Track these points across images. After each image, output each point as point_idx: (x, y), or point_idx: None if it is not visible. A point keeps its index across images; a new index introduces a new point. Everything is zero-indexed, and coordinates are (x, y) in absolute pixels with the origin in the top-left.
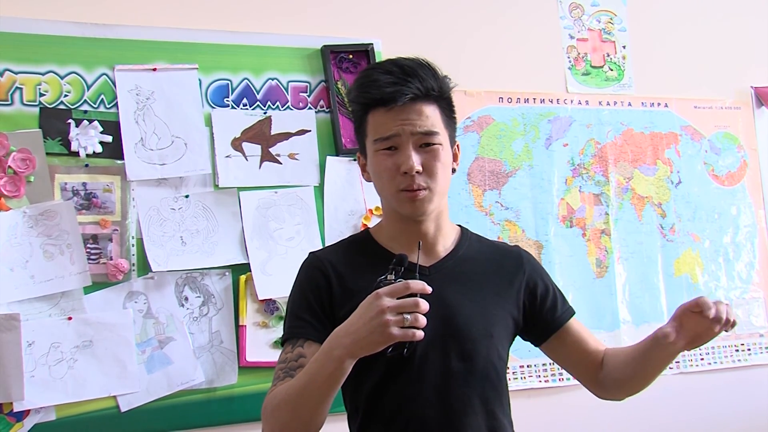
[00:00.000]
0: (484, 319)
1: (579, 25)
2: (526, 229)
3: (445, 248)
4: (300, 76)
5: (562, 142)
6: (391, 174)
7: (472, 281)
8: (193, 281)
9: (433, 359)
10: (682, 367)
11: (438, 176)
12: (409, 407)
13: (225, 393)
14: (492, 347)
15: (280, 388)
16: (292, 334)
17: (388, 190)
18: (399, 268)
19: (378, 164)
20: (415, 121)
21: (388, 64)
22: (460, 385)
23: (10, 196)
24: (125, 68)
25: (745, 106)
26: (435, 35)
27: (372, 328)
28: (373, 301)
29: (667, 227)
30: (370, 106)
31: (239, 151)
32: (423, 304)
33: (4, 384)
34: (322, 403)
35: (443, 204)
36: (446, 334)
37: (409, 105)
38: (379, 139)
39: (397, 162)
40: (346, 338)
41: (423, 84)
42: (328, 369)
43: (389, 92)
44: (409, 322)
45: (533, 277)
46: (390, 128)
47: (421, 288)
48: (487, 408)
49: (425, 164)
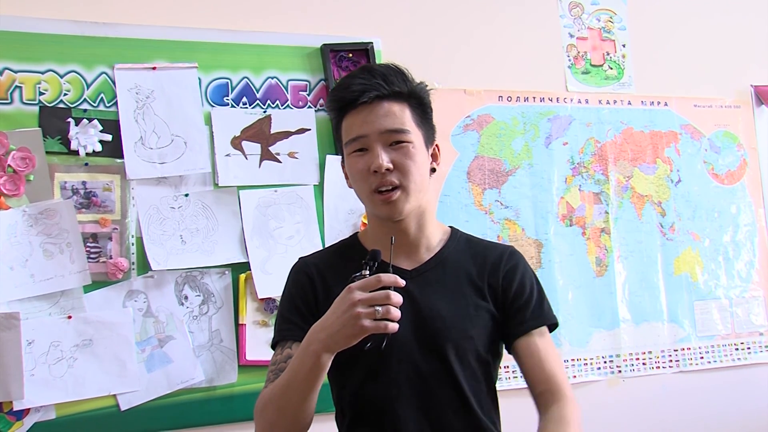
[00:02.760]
0: (462, 321)
1: (579, 23)
2: (525, 228)
3: (429, 250)
4: (300, 74)
5: (562, 141)
6: (364, 175)
7: (453, 283)
8: (193, 280)
9: (412, 361)
10: (681, 366)
11: (411, 174)
12: (390, 409)
13: (225, 392)
14: (472, 349)
15: (268, 388)
16: (281, 337)
17: (363, 192)
18: (372, 264)
19: (351, 167)
20: (382, 119)
21: (358, 70)
22: (439, 387)
23: (10, 195)
24: (125, 67)
25: (744, 105)
26: (435, 34)
27: (344, 322)
28: (346, 295)
29: (667, 226)
30: (342, 111)
31: (239, 149)
32: (395, 297)
33: (4, 383)
34: (305, 400)
35: (424, 203)
36: (425, 336)
37: (376, 105)
38: (350, 141)
39: (368, 162)
40: (321, 333)
41: (389, 84)
42: (307, 365)
43: (356, 92)
44: (381, 315)
45: (510, 275)
46: (358, 129)
47: (393, 281)
48: (469, 409)
49: (396, 162)
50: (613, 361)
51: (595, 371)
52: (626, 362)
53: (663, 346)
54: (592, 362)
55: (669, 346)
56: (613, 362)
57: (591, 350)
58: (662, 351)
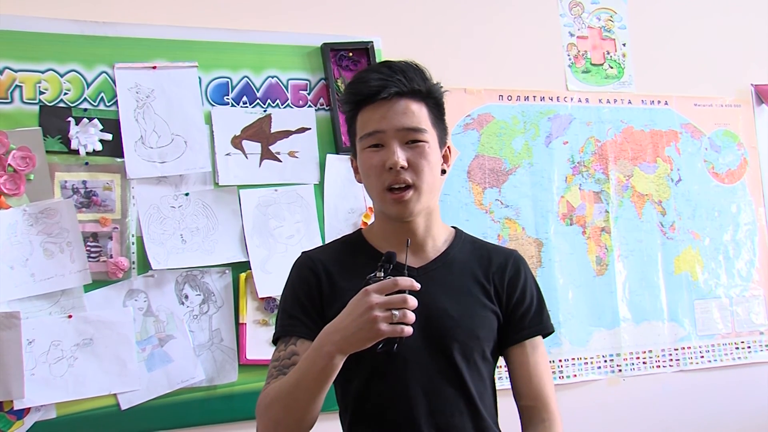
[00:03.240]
0: (470, 321)
1: (579, 22)
2: (526, 227)
3: (435, 250)
4: (300, 74)
5: (562, 140)
6: (378, 171)
7: (459, 283)
8: (193, 279)
9: (419, 360)
10: (682, 365)
11: (424, 173)
12: (396, 408)
13: (225, 391)
14: (478, 349)
15: (273, 385)
16: (285, 332)
17: (375, 189)
18: (388, 266)
19: (365, 162)
20: (400, 116)
21: (377, 65)
22: (445, 386)
23: (10, 195)
24: (125, 66)
25: (745, 104)
26: (435, 33)
27: (361, 325)
28: (362, 298)
29: (667, 225)
30: (358, 104)
31: (239, 149)
32: (411, 300)
33: (5, 382)
34: (314, 400)
35: (433, 204)
36: (433, 335)
37: (394, 101)
38: (365, 136)
39: (383, 158)
40: (335, 335)
41: (409, 81)
42: (319, 365)
43: (375, 87)
44: (397, 318)
45: (514, 281)
46: (375, 124)
47: (410, 284)
48: (474, 409)
49: (411, 161)
50: (613, 360)
51: (596, 370)
52: (626, 361)
53: (663, 345)
54: (593, 361)
55: (669, 345)
56: (614, 361)
57: (591, 349)
58: (662, 350)
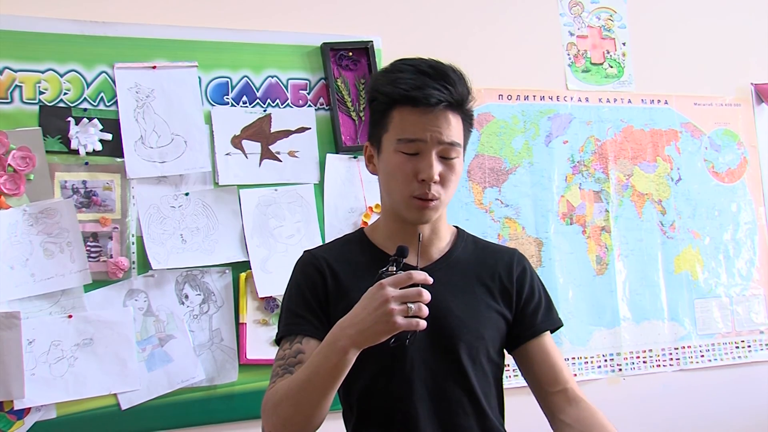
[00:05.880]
0: (475, 321)
1: (579, 22)
2: (526, 227)
3: (439, 250)
4: (300, 73)
5: (562, 140)
6: (408, 178)
7: (464, 283)
8: (194, 279)
9: (425, 360)
10: (682, 364)
11: (450, 189)
12: (401, 407)
13: (225, 391)
14: (483, 349)
15: (280, 384)
16: (290, 331)
17: (398, 194)
18: (400, 260)
19: (394, 164)
20: (443, 129)
21: (420, 62)
22: (451, 386)
23: (10, 195)
24: (125, 66)
25: (745, 103)
26: (435, 32)
27: (377, 318)
28: (377, 291)
29: (667, 224)
30: (397, 102)
31: (239, 148)
32: (425, 294)
33: (5, 382)
34: (324, 397)
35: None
36: (439, 335)
37: (440, 112)
38: (404, 140)
39: (417, 168)
40: (350, 329)
41: (455, 91)
42: (332, 360)
43: (423, 93)
44: (413, 312)
45: (522, 279)
46: (417, 132)
47: (423, 278)
48: (479, 409)
49: (443, 175)
50: (613, 360)
51: (596, 370)
52: (627, 360)
53: (663, 345)
54: (593, 361)
55: (669, 344)
56: (614, 360)
57: (591, 348)
58: (663, 349)
